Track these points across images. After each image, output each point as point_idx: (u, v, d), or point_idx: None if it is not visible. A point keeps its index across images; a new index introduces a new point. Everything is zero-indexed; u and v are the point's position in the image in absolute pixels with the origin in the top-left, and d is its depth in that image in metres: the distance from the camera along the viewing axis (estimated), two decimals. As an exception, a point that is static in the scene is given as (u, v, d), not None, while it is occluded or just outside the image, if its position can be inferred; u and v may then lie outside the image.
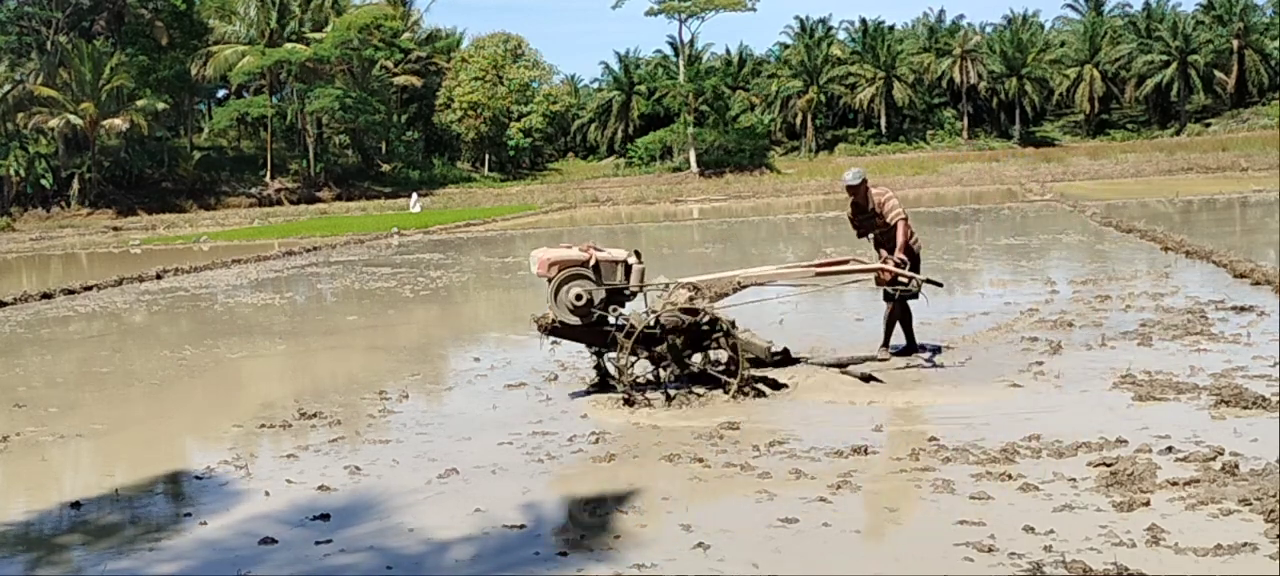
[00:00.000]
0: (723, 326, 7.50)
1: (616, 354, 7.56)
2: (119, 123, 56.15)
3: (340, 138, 69.50)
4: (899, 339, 9.15)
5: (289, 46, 62.01)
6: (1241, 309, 10.13)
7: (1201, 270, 13.50)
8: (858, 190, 8.89)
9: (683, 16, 70.84)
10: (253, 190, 62.73)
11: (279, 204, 59.93)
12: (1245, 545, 4.37)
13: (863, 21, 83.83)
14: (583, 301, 7.47)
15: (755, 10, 79.64)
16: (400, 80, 70.18)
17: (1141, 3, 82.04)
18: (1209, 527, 4.61)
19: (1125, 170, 51.14)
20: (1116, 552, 4.37)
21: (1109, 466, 5.46)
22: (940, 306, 12.27)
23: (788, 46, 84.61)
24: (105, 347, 12.64)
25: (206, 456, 6.89)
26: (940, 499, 5.22)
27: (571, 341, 7.98)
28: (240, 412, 8.14)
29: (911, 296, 8.83)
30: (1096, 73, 76.92)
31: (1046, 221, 24.80)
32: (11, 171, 55.65)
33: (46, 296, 17.83)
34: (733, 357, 7.50)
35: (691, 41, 74.08)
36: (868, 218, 8.97)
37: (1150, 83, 76.84)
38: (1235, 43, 75.91)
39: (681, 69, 71.75)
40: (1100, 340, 9.18)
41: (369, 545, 5.06)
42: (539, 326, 7.73)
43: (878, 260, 8.73)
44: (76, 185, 57.12)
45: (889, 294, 8.85)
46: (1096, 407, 6.89)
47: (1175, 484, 5.16)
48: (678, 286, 7.79)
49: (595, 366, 7.99)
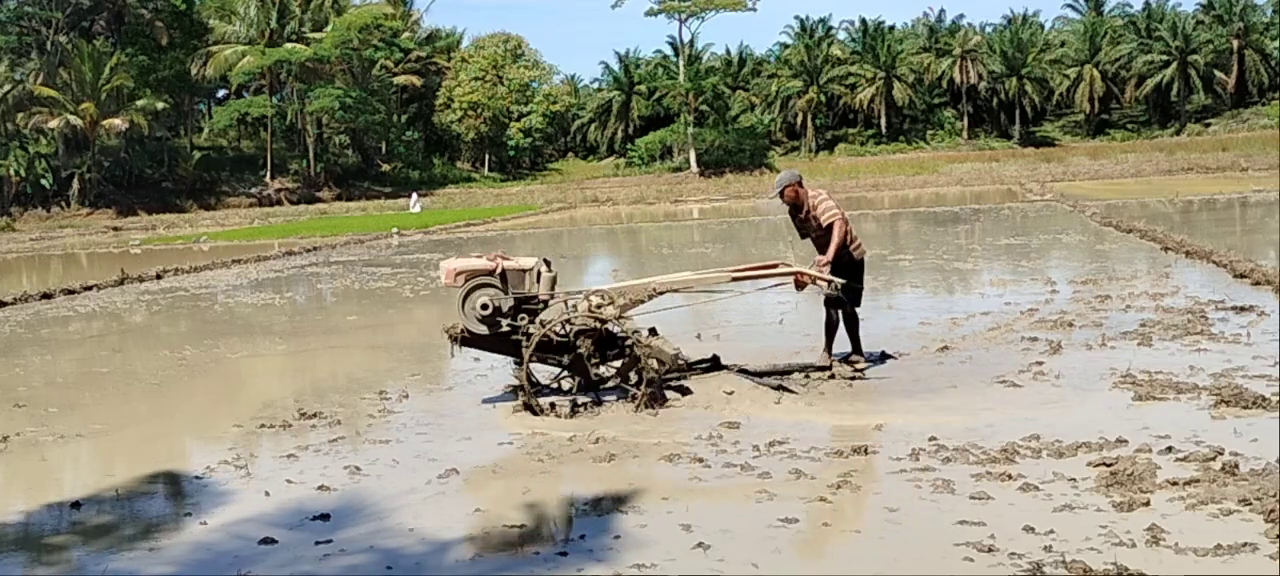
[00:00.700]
0: (625, 334, 7.32)
1: (535, 363, 7.46)
2: (119, 123, 56.19)
3: (340, 138, 69.55)
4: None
5: (289, 46, 62.05)
6: (1241, 309, 10.13)
7: (1201, 270, 13.50)
8: (785, 195, 8.68)
9: (683, 16, 70.90)
10: (253, 190, 62.77)
11: (279, 204, 59.97)
12: (1245, 545, 4.37)
13: (863, 21, 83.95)
14: (488, 310, 7.38)
15: (755, 10, 79.79)
16: (400, 80, 70.24)
17: (1141, 3, 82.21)
18: (1209, 527, 4.61)
19: (1125, 170, 51.18)
20: (1116, 552, 4.37)
21: (1109, 466, 5.46)
22: (941, 306, 12.28)
23: (788, 46, 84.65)
24: (105, 348, 12.64)
25: (206, 456, 6.89)
26: (940, 499, 5.22)
27: (484, 351, 7.83)
28: (240, 412, 8.14)
29: (843, 304, 8.54)
30: (1096, 73, 76.95)
31: (1046, 221, 24.81)
32: (11, 171, 55.68)
33: (46, 296, 17.83)
34: (640, 367, 7.30)
35: (691, 41, 74.24)
36: (805, 221, 8.78)
37: (1150, 83, 76.88)
38: (1235, 43, 75.94)
39: (681, 69, 71.80)
40: (1100, 340, 9.17)
41: (369, 545, 5.06)
42: (449, 336, 7.64)
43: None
44: (76, 185, 57.15)
45: (829, 301, 8.62)
46: (1096, 407, 6.88)
47: (1175, 484, 5.16)
48: (589, 294, 7.62)
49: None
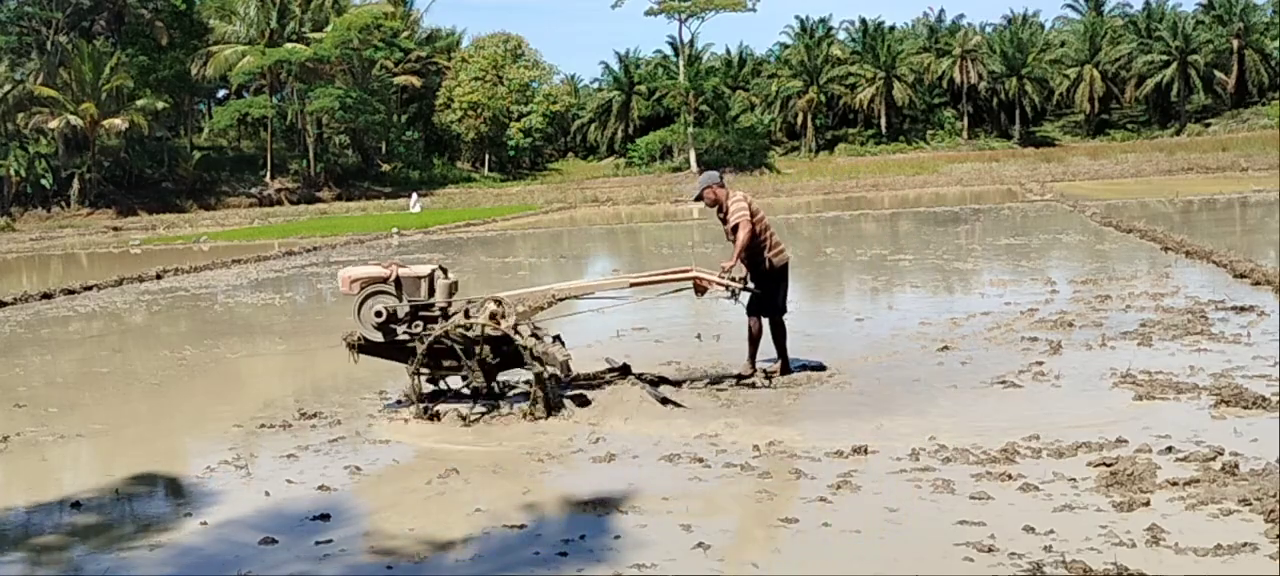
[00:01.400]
0: (518, 341, 7.25)
1: (453, 372, 7.43)
2: (119, 123, 56.19)
3: (340, 138, 69.56)
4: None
5: (289, 46, 62.05)
6: (1241, 309, 10.13)
7: (1201, 270, 13.50)
8: (705, 196, 8.47)
9: (683, 16, 70.91)
10: (253, 190, 62.77)
11: (279, 204, 59.96)
12: (1245, 545, 4.37)
13: (863, 21, 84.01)
14: (382, 318, 7.38)
15: (755, 10, 79.81)
16: (400, 80, 70.25)
17: (1141, 3, 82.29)
18: (1209, 527, 4.61)
19: (1125, 170, 51.16)
20: (1116, 552, 4.37)
21: (1109, 466, 5.46)
22: (941, 306, 12.28)
23: (788, 46, 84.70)
24: (105, 348, 12.64)
25: (206, 456, 6.89)
26: (940, 499, 5.22)
27: (382, 359, 7.74)
28: (240, 412, 8.14)
29: (765, 313, 8.37)
30: (1096, 73, 76.99)
31: (1046, 221, 24.80)
32: (11, 171, 55.67)
33: (46, 296, 17.83)
34: (538, 373, 7.24)
35: (691, 41, 74.28)
36: (724, 223, 8.47)
37: (1150, 83, 76.93)
38: (1235, 43, 75.97)
39: (681, 69, 71.82)
40: (1100, 340, 9.17)
41: (369, 545, 5.06)
42: (348, 344, 7.62)
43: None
44: (76, 185, 57.15)
45: (749, 309, 8.41)
46: (1096, 408, 6.88)
47: (1175, 484, 5.16)
48: (486, 301, 7.56)
49: (427, 381, 7.60)
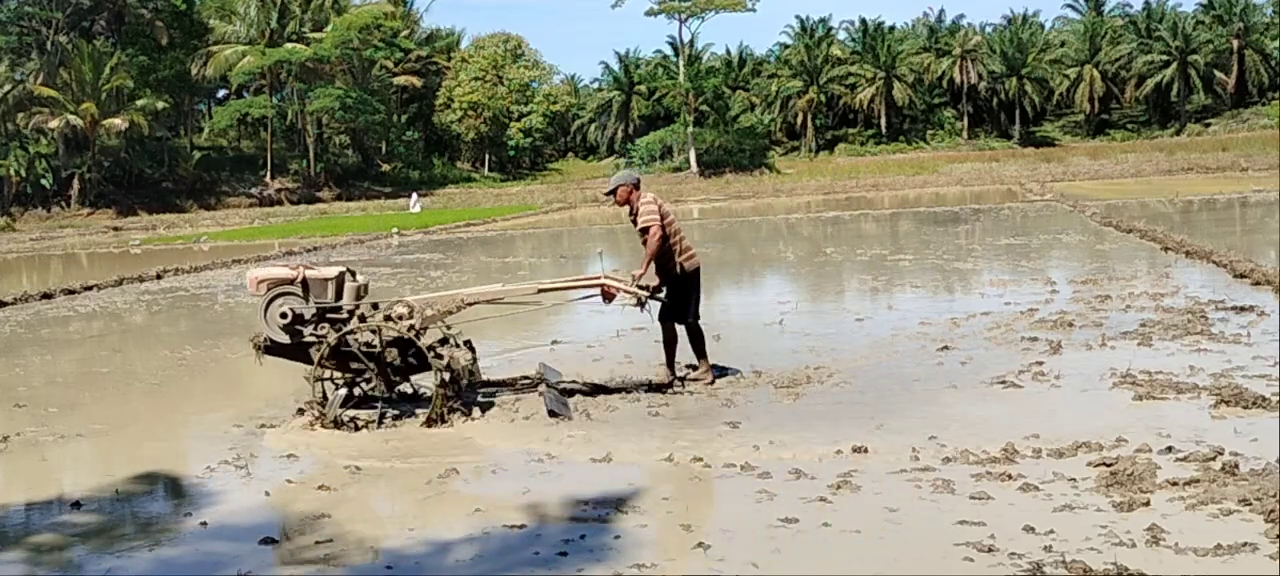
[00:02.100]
0: (420, 345, 7.22)
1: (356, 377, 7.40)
2: (119, 123, 56.19)
3: (340, 138, 69.56)
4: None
5: (289, 46, 62.05)
6: (1241, 309, 10.13)
7: (1201, 270, 13.50)
8: (618, 197, 8.28)
9: (683, 16, 70.89)
10: (253, 190, 62.77)
11: (279, 204, 59.97)
12: (1245, 545, 4.37)
13: (863, 21, 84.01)
14: (287, 319, 7.34)
15: (755, 10, 79.81)
16: (400, 80, 70.25)
17: (1141, 3, 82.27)
18: (1209, 527, 4.61)
19: (1125, 170, 51.18)
20: (1116, 552, 4.37)
21: (1109, 466, 5.46)
22: (941, 306, 12.28)
23: (788, 46, 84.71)
24: (105, 348, 12.64)
25: (206, 456, 6.89)
26: (940, 499, 5.22)
27: (290, 361, 7.67)
28: (240, 412, 8.14)
29: (679, 320, 8.17)
30: (1096, 73, 76.99)
31: (1046, 221, 24.81)
32: (11, 171, 55.67)
33: (46, 296, 17.83)
34: (441, 377, 7.20)
35: (691, 41, 74.23)
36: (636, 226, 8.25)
37: (1150, 83, 76.93)
38: (1235, 43, 75.98)
39: (681, 69, 71.79)
40: (1100, 340, 9.17)
41: (369, 545, 5.06)
42: (254, 346, 7.60)
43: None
44: (76, 185, 57.16)
45: (662, 316, 8.22)
46: (1096, 407, 6.88)
47: (1175, 484, 5.16)
48: (395, 304, 7.52)
49: (341, 386, 7.54)
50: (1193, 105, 76.67)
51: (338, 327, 7.30)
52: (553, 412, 7.20)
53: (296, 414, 7.58)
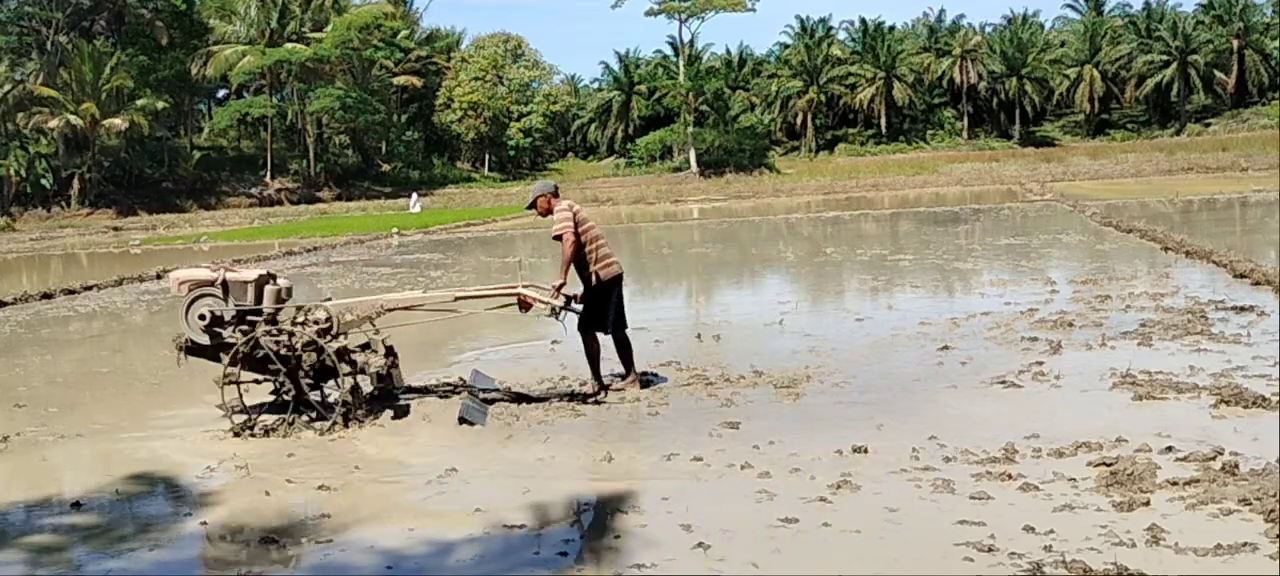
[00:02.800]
0: (326, 350, 7.21)
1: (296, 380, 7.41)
2: (119, 123, 56.20)
3: (340, 138, 69.56)
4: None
5: (289, 46, 62.05)
6: (1241, 309, 10.13)
7: (1201, 270, 13.50)
8: (538, 206, 8.18)
9: (683, 16, 70.89)
10: (253, 190, 62.78)
11: (279, 204, 59.97)
12: (1245, 545, 4.37)
13: (863, 21, 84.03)
14: (206, 321, 7.38)
15: (755, 10, 79.85)
16: (400, 80, 70.24)
17: (1141, 3, 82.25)
18: (1209, 527, 4.61)
19: (1125, 170, 51.18)
20: (1116, 552, 4.37)
21: (1109, 466, 5.46)
22: (941, 306, 12.28)
23: (788, 46, 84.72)
24: (105, 348, 12.64)
25: (207, 456, 6.89)
26: (940, 499, 5.22)
27: (213, 362, 7.64)
28: (240, 412, 8.12)
29: (597, 328, 8.01)
30: (1096, 73, 76.99)
31: (1046, 221, 24.81)
32: (11, 171, 55.68)
33: (46, 296, 17.83)
34: (349, 382, 7.22)
35: (691, 41, 74.23)
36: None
37: (1150, 83, 76.93)
38: (1235, 43, 75.98)
39: (681, 69, 71.78)
40: (1100, 340, 9.17)
41: (369, 545, 5.06)
42: (177, 346, 7.62)
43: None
44: (76, 185, 57.16)
45: (580, 325, 8.05)
46: (1096, 407, 6.88)
47: (1175, 484, 5.16)
48: (314, 308, 7.51)
49: (273, 391, 7.52)
50: (1193, 105, 76.66)
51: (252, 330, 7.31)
52: (463, 419, 7.16)
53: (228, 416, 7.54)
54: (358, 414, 7.25)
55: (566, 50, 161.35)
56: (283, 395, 7.43)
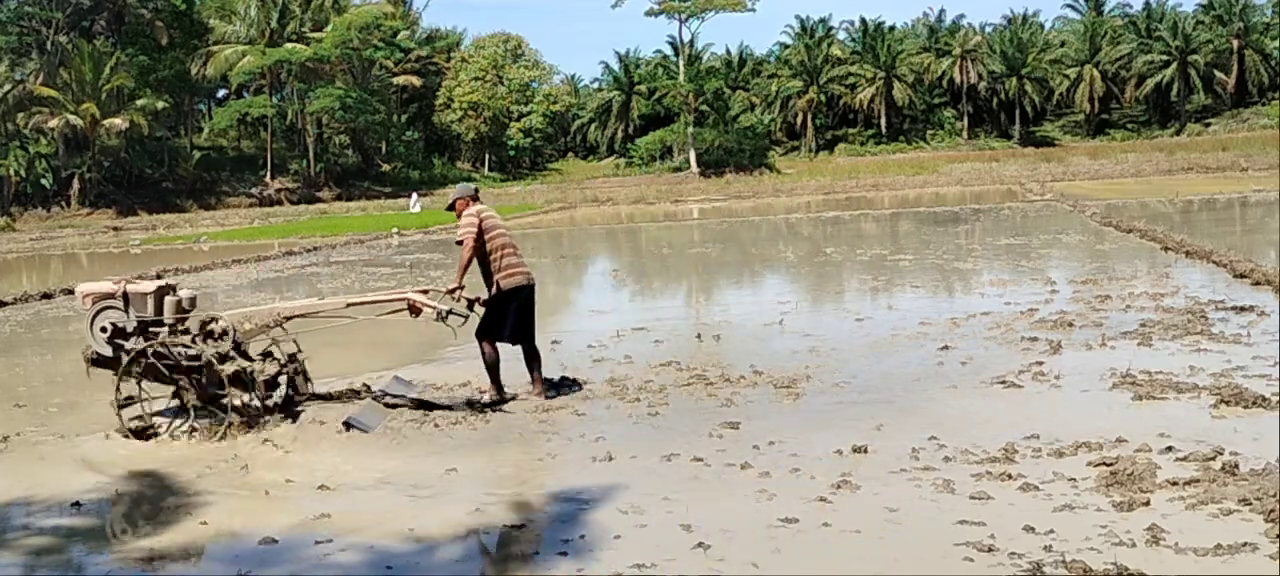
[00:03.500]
0: (206, 355, 7.29)
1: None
2: (119, 123, 56.19)
3: (340, 138, 69.55)
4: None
5: (289, 46, 62.04)
6: (1241, 309, 10.13)
7: (1201, 270, 13.50)
8: (457, 209, 8.11)
9: (683, 16, 70.90)
10: (253, 190, 62.77)
11: (279, 204, 59.96)
12: (1245, 545, 4.37)
13: (863, 21, 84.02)
14: (107, 333, 7.47)
15: (755, 10, 79.79)
16: (400, 80, 70.24)
17: (1141, 3, 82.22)
18: (1209, 527, 4.61)
19: (1125, 170, 51.17)
20: (1116, 552, 4.37)
21: (1109, 466, 5.46)
22: (941, 306, 12.28)
23: (788, 46, 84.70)
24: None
25: (206, 455, 6.89)
26: (940, 499, 5.22)
27: (113, 371, 7.66)
28: (240, 412, 8.12)
29: (511, 340, 7.90)
30: (1096, 73, 76.98)
31: (1046, 221, 24.81)
32: (11, 171, 55.67)
33: (46, 296, 17.83)
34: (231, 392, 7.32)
35: (691, 41, 74.21)
36: None
37: (1150, 83, 76.92)
38: (1235, 43, 75.96)
39: (681, 69, 71.78)
40: (1100, 340, 9.17)
41: (369, 544, 5.06)
42: (85, 358, 7.68)
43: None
44: (76, 185, 57.16)
45: (478, 333, 7.94)
46: (1096, 407, 6.88)
47: (1175, 484, 5.16)
48: (212, 319, 7.57)
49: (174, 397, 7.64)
50: (1193, 105, 76.66)
51: (152, 341, 7.40)
52: (347, 424, 7.19)
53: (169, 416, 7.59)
54: (260, 419, 7.33)
55: (566, 50, 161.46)
56: (187, 403, 7.52)
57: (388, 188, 64.70)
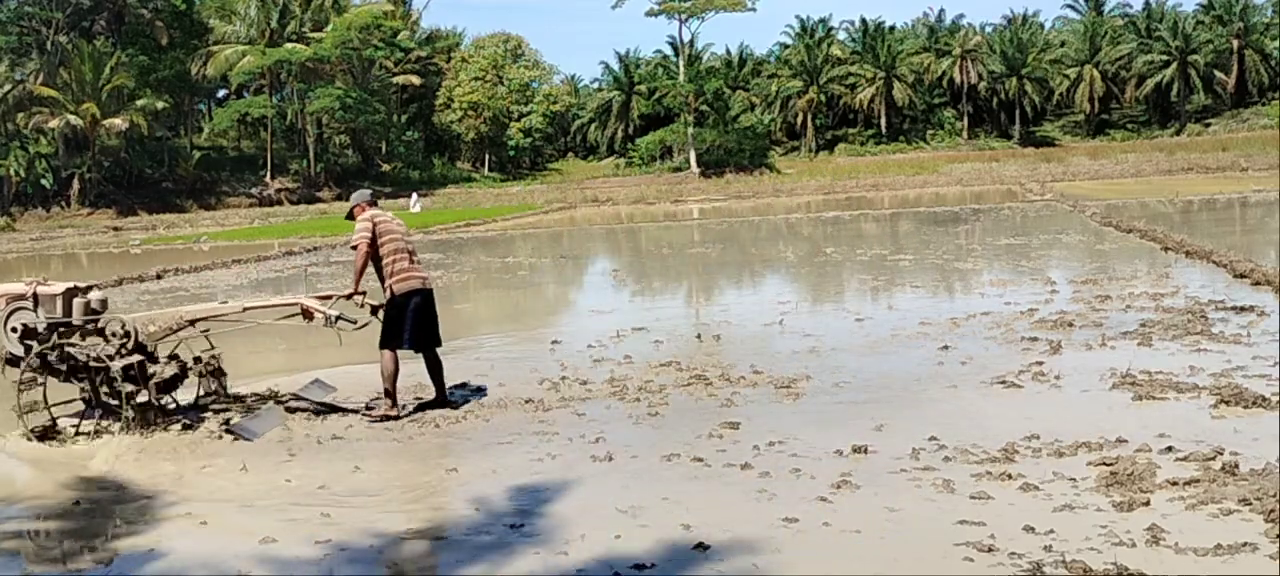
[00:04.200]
0: (96, 358, 7.40)
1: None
2: (119, 123, 56.16)
3: (340, 138, 69.53)
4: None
5: (289, 46, 62.01)
6: (1241, 309, 10.13)
7: (1201, 270, 13.50)
8: (355, 215, 8.07)
9: (683, 17, 70.87)
10: (253, 190, 62.75)
11: (279, 204, 59.93)
12: (1245, 545, 4.37)
13: (863, 21, 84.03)
14: (17, 333, 7.55)
15: (755, 10, 79.85)
16: (400, 80, 70.21)
17: (1141, 3, 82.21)
18: (1209, 527, 4.61)
19: (1125, 170, 51.16)
20: (1116, 552, 4.37)
21: (1109, 466, 5.47)
22: (941, 306, 12.28)
23: (788, 46, 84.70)
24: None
25: (206, 455, 6.89)
26: (940, 498, 5.22)
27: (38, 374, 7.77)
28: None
29: (395, 345, 7.76)
30: (1096, 73, 76.97)
31: (1046, 221, 24.81)
32: (11, 171, 55.65)
33: (46, 296, 17.79)
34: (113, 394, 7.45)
35: (691, 41, 74.19)
36: None
37: (1150, 83, 76.91)
38: (1235, 43, 75.96)
39: (681, 69, 71.76)
40: (1100, 340, 9.17)
41: (369, 544, 5.07)
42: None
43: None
44: (76, 185, 57.13)
45: (381, 340, 7.83)
46: (1096, 407, 6.88)
47: (1175, 484, 5.16)
48: (114, 321, 7.63)
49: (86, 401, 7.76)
50: (1193, 105, 76.65)
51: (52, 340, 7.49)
52: (228, 430, 7.25)
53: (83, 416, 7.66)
54: (157, 420, 7.44)
55: (566, 50, 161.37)
56: (94, 403, 7.64)
57: (388, 188, 64.60)
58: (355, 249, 7.89)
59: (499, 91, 71.90)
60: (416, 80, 70.93)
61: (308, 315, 7.91)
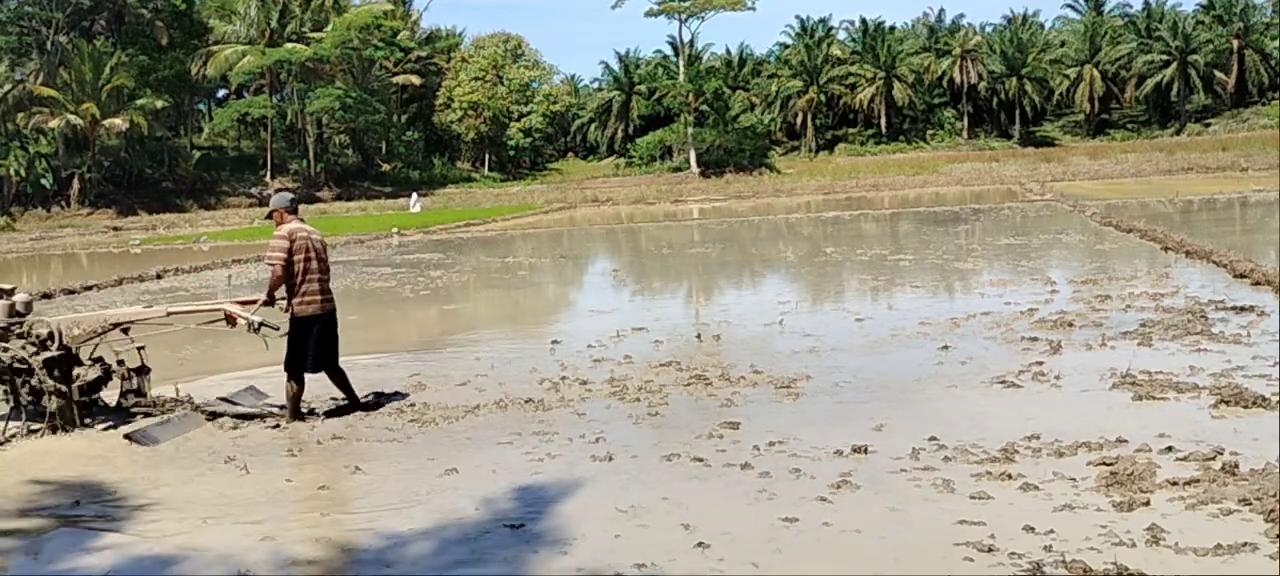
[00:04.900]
0: (26, 363, 7.47)
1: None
2: (119, 122, 56.16)
3: (340, 138, 69.52)
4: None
5: (289, 46, 62.02)
6: (1241, 309, 10.13)
7: (1201, 270, 13.50)
8: (274, 219, 7.93)
9: (683, 16, 70.89)
10: (253, 190, 62.73)
11: (279, 204, 59.84)
12: (1245, 545, 4.37)
13: (863, 21, 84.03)
14: None
15: (755, 10, 79.99)
16: (400, 80, 70.21)
17: (1141, 3, 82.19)
18: (1209, 527, 4.61)
19: (1125, 170, 51.20)
20: (1116, 552, 4.37)
21: (1109, 466, 5.47)
22: (941, 306, 12.28)
23: (788, 46, 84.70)
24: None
25: (206, 455, 6.89)
26: (940, 498, 5.22)
27: None
28: (240, 412, 8.12)
29: (299, 369, 7.72)
30: (1096, 73, 76.97)
31: (1046, 221, 24.81)
32: (11, 171, 55.66)
33: (46, 296, 17.82)
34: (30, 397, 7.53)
35: (691, 41, 74.21)
36: None
37: (1150, 83, 76.91)
38: (1235, 43, 75.95)
39: (681, 69, 71.77)
40: (1100, 340, 9.17)
41: (368, 543, 5.07)
42: None
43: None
44: (76, 185, 57.14)
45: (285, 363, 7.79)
46: (1096, 407, 6.88)
47: (1175, 484, 5.16)
48: (37, 324, 7.73)
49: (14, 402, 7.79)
50: (1193, 105, 76.65)
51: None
52: (129, 436, 7.27)
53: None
54: (76, 421, 7.53)
55: (566, 50, 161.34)
56: (18, 404, 7.67)
57: (388, 188, 64.68)
58: (271, 266, 7.72)
59: (499, 91, 71.91)
60: (416, 80, 70.93)
61: (231, 321, 7.90)
